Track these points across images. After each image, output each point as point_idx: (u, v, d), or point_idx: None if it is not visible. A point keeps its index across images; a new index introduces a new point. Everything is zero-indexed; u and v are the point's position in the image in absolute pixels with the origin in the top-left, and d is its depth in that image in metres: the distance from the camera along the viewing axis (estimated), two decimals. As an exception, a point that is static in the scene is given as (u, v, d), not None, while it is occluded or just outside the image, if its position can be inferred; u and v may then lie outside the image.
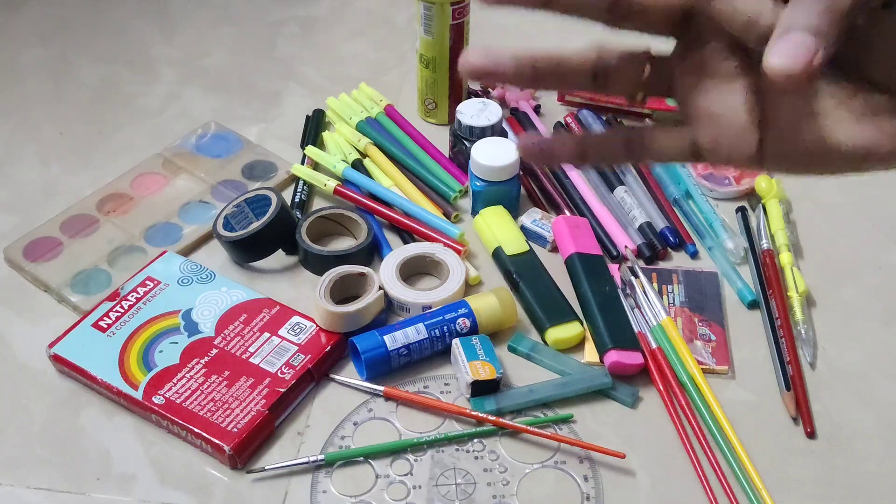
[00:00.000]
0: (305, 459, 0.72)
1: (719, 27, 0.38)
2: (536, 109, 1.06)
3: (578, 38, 0.45)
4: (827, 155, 0.40)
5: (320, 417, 0.76)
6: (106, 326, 0.80)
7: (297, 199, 0.94)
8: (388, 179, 0.96)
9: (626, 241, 0.89)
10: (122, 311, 0.81)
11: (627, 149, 0.43)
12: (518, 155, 0.90)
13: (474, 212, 0.93)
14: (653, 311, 0.82)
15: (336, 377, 0.79)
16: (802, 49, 0.34)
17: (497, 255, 0.88)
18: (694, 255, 0.89)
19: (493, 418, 0.74)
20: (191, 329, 0.80)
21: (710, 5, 0.38)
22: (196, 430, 0.73)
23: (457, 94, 1.03)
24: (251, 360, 0.78)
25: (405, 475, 0.72)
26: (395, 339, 0.78)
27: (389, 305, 0.83)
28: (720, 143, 0.41)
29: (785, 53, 0.34)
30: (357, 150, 1.00)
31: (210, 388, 0.75)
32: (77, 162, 1.01)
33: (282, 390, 0.75)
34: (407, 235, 0.91)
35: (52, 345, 0.79)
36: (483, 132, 0.94)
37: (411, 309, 0.83)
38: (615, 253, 0.88)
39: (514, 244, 0.87)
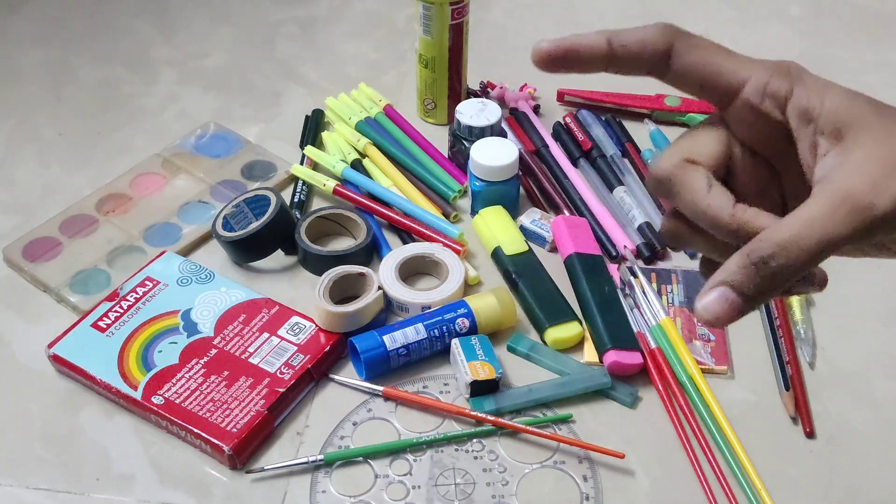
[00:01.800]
0: (305, 459, 0.72)
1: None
2: (535, 109, 1.06)
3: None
4: None
5: (320, 417, 0.76)
6: (105, 326, 0.80)
7: (296, 199, 0.94)
8: (387, 179, 0.96)
9: (625, 241, 0.89)
10: (122, 311, 0.81)
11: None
12: (517, 155, 0.90)
13: (473, 212, 0.93)
14: (652, 311, 0.82)
15: (335, 377, 0.79)
16: (725, 305, 0.39)
17: (496, 255, 0.88)
18: (693, 255, 0.89)
19: (492, 418, 0.74)
20: (190, 329, 0.80)
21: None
22: (195, 430, 0.73)
23: (456, 94, 1.03)
24: (250, 360, 0.78)
25: (404, 475, 0.72)
26: (394, 339, 0.78)
27: (389, 305, 0.83)
28: None
29: (708, 304, 0.39)
30: (356, 150, 1.00)
31: (209, 388, 0.75)
32: (76, 162, 1.01)
33: (281, 390, 0.75)
34: (406, 235, 0.91)
35: (51, 345, 0.79)
36: (482, 132, 0.94)
37: (410, 309, 0.83)
38: (614, 253, 0.88)
39: (514, 244, 0.87)
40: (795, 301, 0.83)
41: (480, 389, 0.76)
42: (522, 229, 0.90)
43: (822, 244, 0.38)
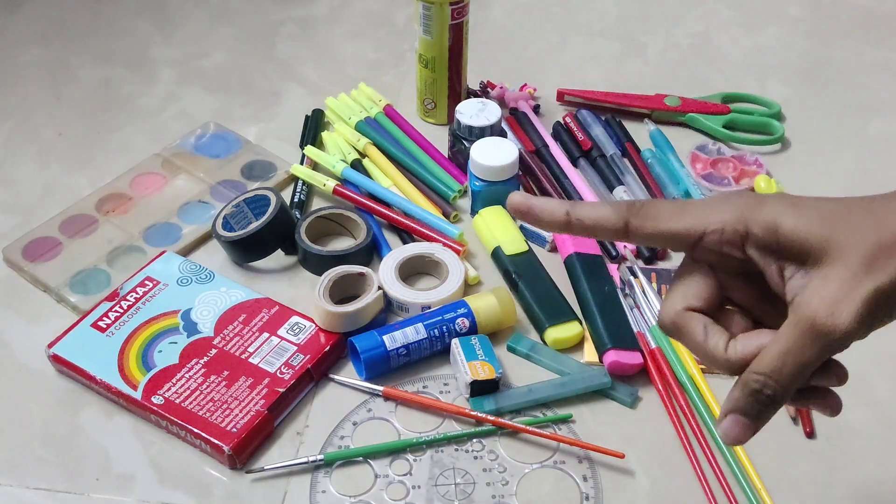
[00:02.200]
0: (305, 459, 0.72)
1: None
2: (535, 109, 1.06)
3: (579, 40, 0.44)
4: None
5: (319, 417, 0.76)
6: (105, 326, 0.80)
7: (296, 199, 0.94)
8: (387, 179, 0.96)
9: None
10: (122, 311, 0.81)
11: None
12: (517, 154, 0.90)
13: (473, 212, 0.93)
14: (652, 310, 0.82)
15: (335, 377, 0.79)
16: (739, 428, 0.46)
17: (496, 254, 0.88)
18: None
19: (492, 418, 0.74)
20: (190, 329, 0.80)
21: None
22: (195, 430, 0.72)
23: (456, 94, 1.02)
24: (250, 360, 0.78)
25: (404, 475, 0.72)
26: (394, 339, 0.77)
27: (388, 305, 0.83)
28: None
29: (727, 429, 0.46)
30: (356, 150, 1.00)
31: (209, 388, 0.75)
32: (76, 162, 1.01)
33: (281, 390, 0.75)
34: (406, 235, 0.91)
35: (51, 345, 0.79)
36: (482, 132, 0.94)
37: (410, 309, 0.83)
38: (614, 253, 0.88)
39: (514, 244, 0.87)
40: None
41: (480, 389, 0.76)
42: (522, 229, 0.90)
43: (800, 369, 0.44)
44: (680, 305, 0.48)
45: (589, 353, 0.80)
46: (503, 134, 0.96)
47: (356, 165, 0.97)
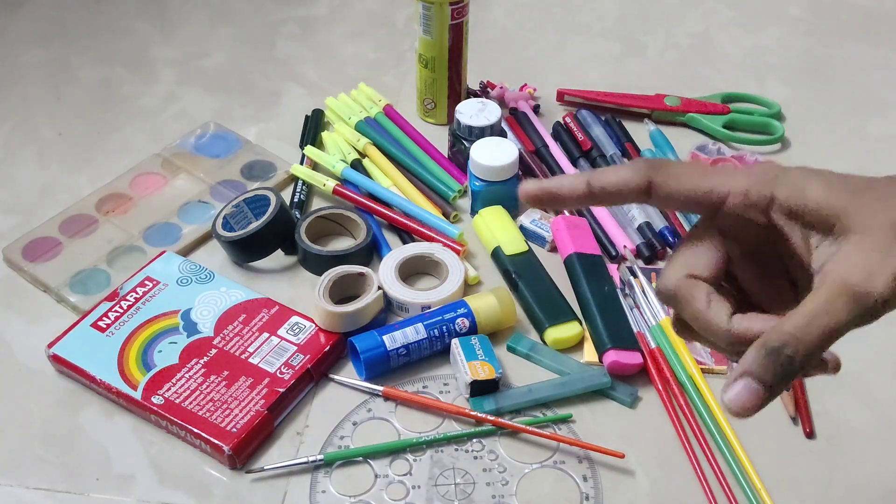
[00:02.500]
0: (304, 459, 0.72)
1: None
2: (535, 109, 1.06)
3: (579, 40, 0.45)
4: None
5: (319, 417, 0.76)
6: (105, 326, 0.80)
7: (296, 199, 0.94)
8: (387, 179, 0.96)
9: (624, 241, 0.89)
10: (122, 311, 0.81)
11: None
12: (517, 154, 0.90)
13: (473, 212, 0.93)
14: (652, 310, 0.82)
15: (335, 377, 0.79)
16: (750, 395, 0.42)
17: (496, 254, 0.88)
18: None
19: (492, 418, 0.74)
20: (190, 329, 0.80)
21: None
22: (195, 430, 0.72)
23: (456, 94, 1.02)
24: (250, 360, 0.78)
25: (404, 475, 0.72)
26: (394, 339, 0.77)
27: (388, 305, 0.83)
28: None
29: (735, 396, 0.42)
30: (356, 150, 1.00)
31: (209, 388, 0.75)
32: (76, 162, 1.01)
33: (281, 390, 0.75)
34: (406, 235, 0.91)
35: (51, 345, 0.79)
36: (482, 132, 0.94)
37: (410, 309, 0.83)
38: (614, 253, 0.88)
39: (514, 244, 0.87)
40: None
41: (480, 389, 0.76)
42: (522, 229, 0.90)
43: (827, 333, 0.41)
44: (683, 272, 0.46)
45: (589, 353, 0.80)
46: (503, 134, 0.96)
47: (356, 165, 0.97)
